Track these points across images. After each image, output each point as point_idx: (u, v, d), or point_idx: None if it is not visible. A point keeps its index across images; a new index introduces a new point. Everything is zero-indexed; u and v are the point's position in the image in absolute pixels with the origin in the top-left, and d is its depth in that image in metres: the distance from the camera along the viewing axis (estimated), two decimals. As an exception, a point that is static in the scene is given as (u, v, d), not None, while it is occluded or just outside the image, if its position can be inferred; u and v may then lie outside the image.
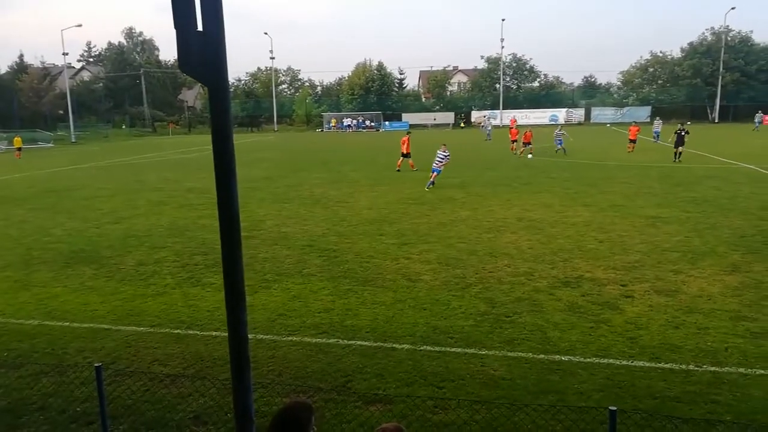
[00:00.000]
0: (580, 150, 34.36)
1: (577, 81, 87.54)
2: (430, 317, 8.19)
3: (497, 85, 76.92)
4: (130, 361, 7.03)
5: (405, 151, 25.21)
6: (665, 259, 10.75)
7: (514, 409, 5.46)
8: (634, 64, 78.20)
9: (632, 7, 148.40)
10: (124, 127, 79.05)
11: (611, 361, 6.70)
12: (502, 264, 10.73)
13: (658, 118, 45.25)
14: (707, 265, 10.25)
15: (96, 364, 4.73)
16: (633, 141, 33.45)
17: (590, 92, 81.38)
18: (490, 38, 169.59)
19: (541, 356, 6.85)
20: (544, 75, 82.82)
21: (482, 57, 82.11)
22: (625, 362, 6.64)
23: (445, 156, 20.90)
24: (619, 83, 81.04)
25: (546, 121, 71.61)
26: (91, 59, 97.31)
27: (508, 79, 80.00)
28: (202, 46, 2.76)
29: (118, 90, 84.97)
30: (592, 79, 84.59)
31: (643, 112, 70.57)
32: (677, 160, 27.16)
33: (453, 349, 7.11)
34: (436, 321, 8.04)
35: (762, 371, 6.30)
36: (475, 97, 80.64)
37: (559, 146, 33.41)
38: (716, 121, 67.32)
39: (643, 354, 6.83)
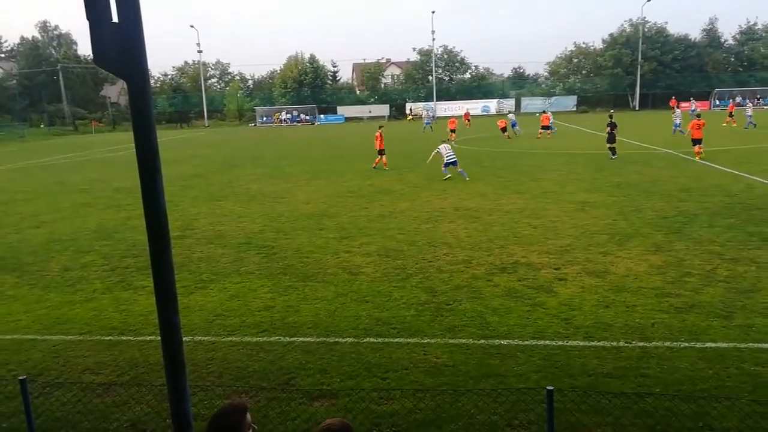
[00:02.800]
0: (512, 139, 35.31)
1: (507, 72, 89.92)
2: (373, 309, 8.21)
3: (430, 77, 77.80)
4: (59, 372, 6.66)
5: (379, 147, 23.76)
6: (594, 242, 11.23)
7: (457, 395, 5.57)
8: (559, 55, 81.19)
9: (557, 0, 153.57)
10: (42, 126, 74.62)
11: (547, 342, 6.94)
12: (441, 253, 10.89)
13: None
14: (633, 246, 10.78)
15: (20, 377, 4.45)
16: (546, 128, 35.91)
17: (520, 83, 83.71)
18: (422, 31, 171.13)
19: (482, 341, 7.01)
20: (475, 67, 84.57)
21: (414, 49, 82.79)
22: (560, 342, 6.90)
23: (445, 146, 20.73)
24: (546, 74, 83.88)
25: (479, 111, 73.10)
26: (3, 55, 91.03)
27: (440, 71, 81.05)
28: (118, 38, 2.63)
29: (34, 87, 79.96)
30: (521, 70, 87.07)
31: (570, 101, 73.40)
32: (615, 157, 23.41)
33: (396, 340, 7.16)
34: (379, 313, 8.07)
35: (686, 344, 6.70)
36: (409, 89, 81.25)
37: (517, 129, 37.89)
38: (637, 108, 70.85)
39: (577, 334, 7.12)
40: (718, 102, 65.80)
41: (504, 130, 36.28)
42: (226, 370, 6.55)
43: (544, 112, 39.69)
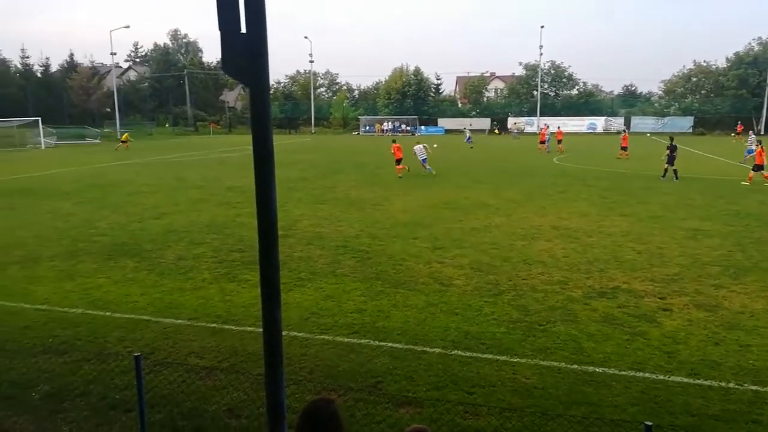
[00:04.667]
0: (621, 159, 33.65)
1: (617, 89, 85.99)
2: (462, 322, 8.17)
3: (535, 92, 76.04)
4: (168, 353, 7.22)
5: (397, 158, 25.94)
6: (706, 273, 10.46)
7: (547, 419, 5.42)
8: (676, 74, 76.39)
9: (675, 17, 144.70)
10: (167, 125, 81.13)
11: (647, 375, 6.55)
12: (536, 272, 10.61)
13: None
14: (750, 281, 9.92)
15: (135, 354, 4.88)
16: (624, 149, 34.21)
17: (630, 101, 79.72)
18: (529, 45, 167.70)
19: (575, 366, 6.76)
20: (583, 83, 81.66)
21: (520, 63, 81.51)
22: (661, 377, 6.49)
23: (423, 149, 26.41)
24: (660, 92, 79.21)
25: (584, 129, 70.44)
26: (138, 59, 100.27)
27: (546, 86, 79.04)
28: (245, 47, 2.84)
29: (163, 90, 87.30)
30: (633, 88, 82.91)
31: (686, 123, 68.79)
32: (671, 178, 23.66)
33: (484, 355, 7.07)
34: (468, 326, 8.01)
35: (807, 392, 6.07)
36: (512, 104, 79.91)
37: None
38: (762, 132, 65.03)
39: (681, 369, 6.67)
40: None
41: (625, 148, 34.27)
42: (317, 367, 6.79)
43: (624, 131, 38.34)
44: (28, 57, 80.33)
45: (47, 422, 5.66)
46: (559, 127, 48.67)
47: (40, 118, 52.66)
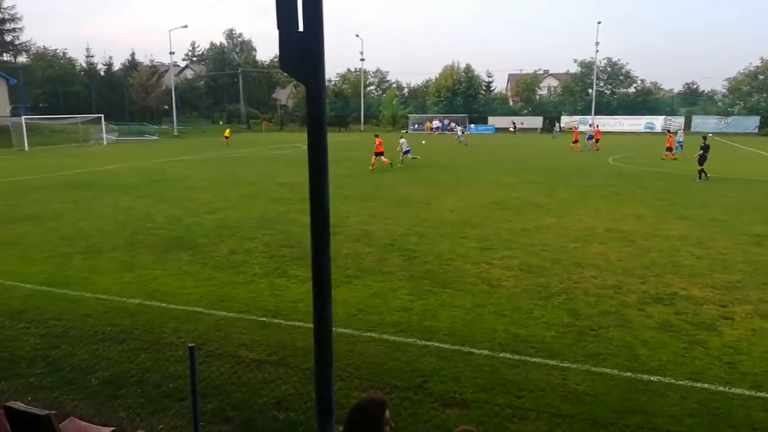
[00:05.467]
0: (679, 159, 32.38)
1: (678, 87, 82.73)
2: (510, 324, 8.04)
3: (590, 90, 74.06)
4: (219, 344, 7.41)
5: (377, 151, 28.48)
6: (772, 280, 9.93)
7: (598, 426, 5.27)
8: (742, 71, 72.74)
9: (741, 12, 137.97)
10: (221, 123, 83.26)
11: (706, 385, 6.28)
12: (589, 275, 10.34)
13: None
14: (822, 291, 9.36)
15: (190, 345, 5.02)
16: (670, 149, 33.47)
17: (691, 99, 76.55)
18: (584, 41, 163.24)
19: (628, 374, 6.54)
20: (641, 80, 78.93)
21: (575, 61, 79.49)
22: (721, 388, 6.21)
23: (406, 142, 31.10)
24: (724, 91, 75.69)
25: (641, 128, 68.15)
26: (195, 58, 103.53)
27: (601, 84, 76.84)
28: (302, 46, 2.87)
29: (218, 88, 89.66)
30: (694, 86, 79.64)
31: (751, 123, 65.51)
32: (705, 177, 23.55)
33: (533, 359, 6.94)
34: (517, 329, 7.88)
35: None
36: (566, 102, 78.07)
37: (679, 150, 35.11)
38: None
39: (743, 381, 6.35)
40: None
41: (670, 149, 33.45)
42: (363, 364, 6.83)
43: (668, 131, 37.23)
44: (92, 56, 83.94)
45: (105, 407, 5.91)
46: (597, 126, 48.26)
47: (102, 115, 55.05)
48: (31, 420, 4.05)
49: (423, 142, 37.15)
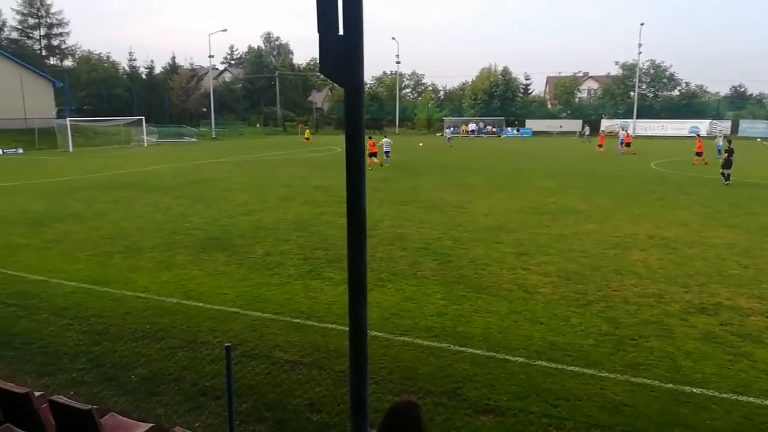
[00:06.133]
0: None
1: (724, 90, 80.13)
2: (547, 332, 7.89)
3: (631, 93, 72.41)
4: (254, 345, 7.49)
5: (371, 151, 29.90)
6: (825, 292, 9.49)
7: (637, 439, 5.11)
8: (794, 73, 69.96)
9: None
10: (258, 125, 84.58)
11: (752, 399, 6.03)
12: (629, 283, 10.07)
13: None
14: None
15: (226, 344, 5.08)
16: (699, 154, 32.37)
17: (739, 103, 73.94)
18: (626, 43, 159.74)
19: (669, 385, 6.34)
20: (686, 83, 76.69)
21: (617, 63, 77.94)
22: (768, 403, 5.96)
23: (389, 143, 33.54)
24: (774, 94, 72.95)
25: (685, 132, 66.23)
26: (233, 61, 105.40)
27: (644, 87, 75.04)
28: (342, 49, 2.87)
29: (255, 91, 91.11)
30: (742, 89, 76.93)
31: (804, 127, 62.94)
32: (727, 181, 23.64)
33: (570, 368, 6.79)
34: (553, 336, 7.73)
35: None
36: (606, 105, 76.51)
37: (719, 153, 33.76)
38: None
39: (793, 396, 6.08)
40: None
41: (699, 154, 32.38)
42: (396, 368, 6.79)
43: (698, 135, 36.17)
44: (134, 60, 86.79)
45: (144, 403, 6.03)
46: (626, 130, 47.71)
47: (143, 117, 56.58)
48: (74, 414, 4.15)
49: (420, 144, 38.87)
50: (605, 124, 69.45)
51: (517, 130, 73.95)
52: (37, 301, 9.29)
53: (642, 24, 66.96)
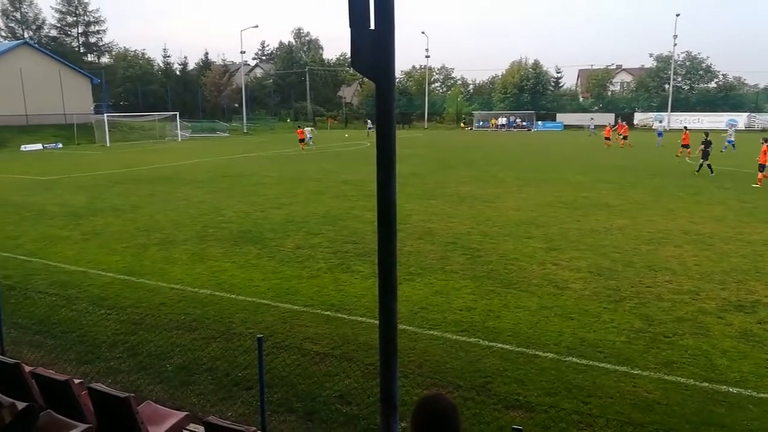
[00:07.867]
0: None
1: (764, 83, 77.41)
2: (578, 328, 7.81)
3: (666, 86, 70.57)
4: (285, 336, 7.60)
5: (302, 137, 36.05)
6: None
7: (670, 437, 5.03)
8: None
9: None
10: (288, 120, 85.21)
11: (792, 400, 5.87)
12: (663, 279, 9.88)
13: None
14: None
15: (258, 336, 5.18)
16: (686, 146, 32.17)
17: (779, 95, 71.44)
18: (661, 35, 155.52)
19: (704, 384, 6.22)
20: (723, 75, 74.20)
21: (651, 55, 75.88)
22: (809, 404, 5.79)
23: (311, 131, 41.62)
24: (817, 86, 70.20)
25: (722, 125, 64.28)
26: (264, 57, 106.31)
27: (679, 79, 73.05)
28: (374, 44, 2.88)
29: (285, 86, 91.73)
30: (783, 81, 74.18)
31: None
32: (707, 173, 24.25)
33: (602, 365, 6.71)
34: (584, 333, 7.64)
35: None
36: (640, 98, 74.74)
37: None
38: None
39: (835, 398, 5.90)
40: None
41: (686, 146, 32.13)
42: (425, 362, 6.82)
43: (686, 128, 35.10)
44: (169, 56, 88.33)
45: (178, 392, 6.19)
46: (625, 123, 47.27)
47: (177, 113, 57.60)
48: (112, 401, 4.29)
49: (346, 135, 45.79)
50: (638, 118, 67.93)
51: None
52: (76, 291, 9.60)
53: (677, 15, 65.12)
